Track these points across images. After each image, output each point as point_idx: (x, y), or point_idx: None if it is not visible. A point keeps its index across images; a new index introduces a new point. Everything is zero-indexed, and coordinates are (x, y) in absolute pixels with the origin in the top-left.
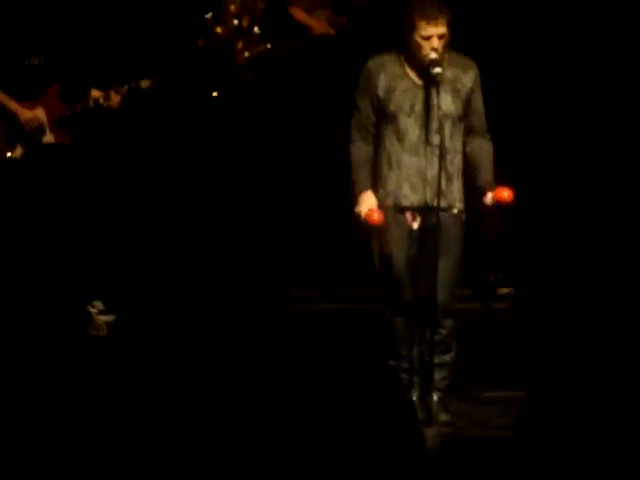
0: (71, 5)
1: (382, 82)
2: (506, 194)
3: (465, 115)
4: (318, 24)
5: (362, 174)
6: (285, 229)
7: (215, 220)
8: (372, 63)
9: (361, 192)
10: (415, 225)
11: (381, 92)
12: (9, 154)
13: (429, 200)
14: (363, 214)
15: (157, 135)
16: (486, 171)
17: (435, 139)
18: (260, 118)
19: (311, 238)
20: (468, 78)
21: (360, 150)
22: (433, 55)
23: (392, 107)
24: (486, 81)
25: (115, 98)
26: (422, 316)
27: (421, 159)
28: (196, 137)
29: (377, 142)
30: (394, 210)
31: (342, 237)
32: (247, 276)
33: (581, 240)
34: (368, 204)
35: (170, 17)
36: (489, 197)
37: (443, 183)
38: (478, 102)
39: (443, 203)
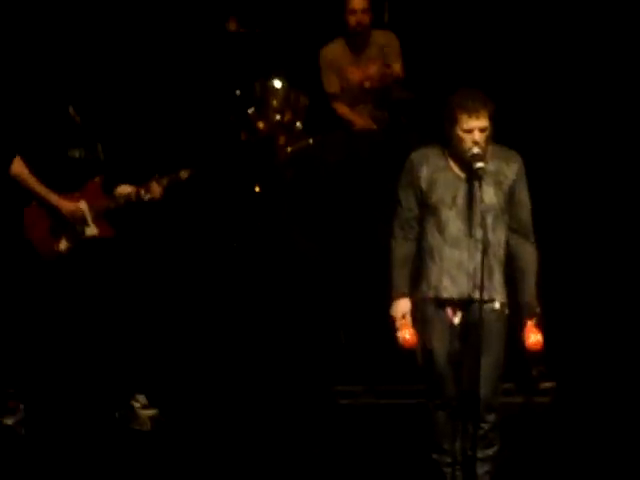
0: (111, 96)
1: (425, 174)
2: (533, 340)
3: (508, 208)
4: (360, 119)
5: (400, 276)
6: (327, 322)
7: (258, 314)
8: (415, 156)
9: (397, 297)
10: (456, 320)
11: (424, 184)
12: (55, 248)
13: (470, 293)
14: (399, 337)
15: (200, 228)
16: (528, 288)
17: (477, 232)
18: (301, 211)
19: (353, 332)
20: (511, 170)
21: (401, 247)
22: (475, 150)
23: (434, 199)
24: None
25: (157, 189)
26: (465, 410)
27: (462, 252)
28: (239, 231)
29: (420, 235)
30: (435, 304)
31: (384, 331)
32: (290, 370)
33: (621, 337)
34: (402, 311)
35: (214, 110)
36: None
37: (484, 277)
38: (522, 195)
39: (484, 296)
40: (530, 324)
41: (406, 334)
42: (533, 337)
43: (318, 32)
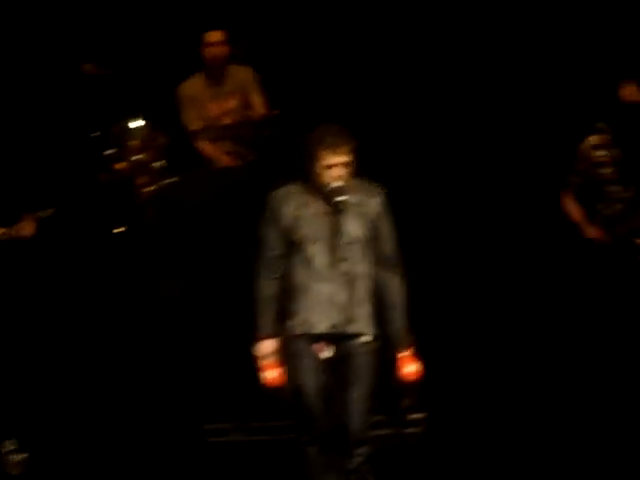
0: None
1: (288, 211)
2: (409, 370)
3: (373, 241)
4: (222, 156)
5: (265, 315)
6: (194, 362)
7: (126, 353)
8: (277, 193)
9: (261, 337)
10: (326, 354)
11: (287, 221)
12: None
13: (339, 327)
14: (262, 377)
15: (66, 269)
16: (397, 320)
17: (343, 265)
18: (164, 251)
19: (220, 369)
20: (374, 203)
21: (266, 287)
22: (336, 184)
23: (299, 235)
24: None
25: (28, 227)
26: (336, 444)
27: (330, 285)
28: (105, 272)
29: (286, 272)
30: (304, 339)
31: (251, 367)
32: (159, 409)
33: (491, 365)
34: (265, 351)
35: (73, 152)
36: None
37: (353, 309)
38: (386, 228)
39: (353, 330)
40: (404, 355)
41: (269, 374)
42: (407, 367)
43: (176, 71)
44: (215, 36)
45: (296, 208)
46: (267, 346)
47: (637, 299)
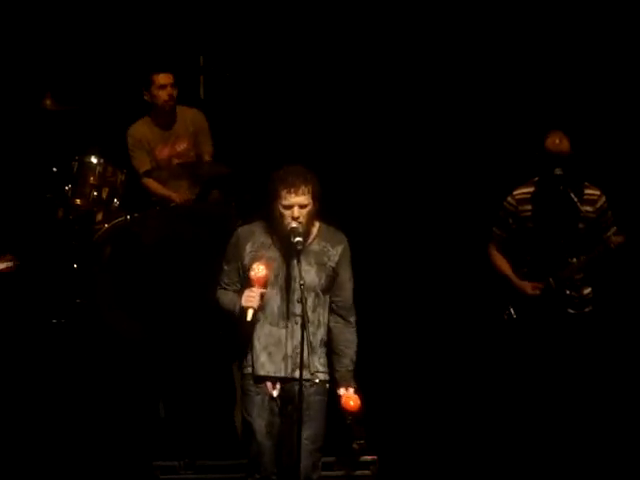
0: None
1: (249, 250)
2: (352, 403)
3: (330, 289)
4: (175, 194)
5: (231, 300)
6: (146, 397)
7: (81, 388)
8: (242, 231)
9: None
10: (275, 392)
11: (247, 261)
12: None
13: (288, 372)
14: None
15: (19, 305)
16: (346, 365)
17: (297, 309)
18: (121, 289)
19: (173, 406)
20: (335, 252)
21: (225, 294)
22: (294, 224)
23: None
24: None
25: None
26: None
27: (281, 330)
28: (59, 309)
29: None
30: (253, 379)
31: (204, 406)
32: (109, 446)
33: (442, 409)
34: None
35: (30, 188)
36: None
37: (304, 354)
38: (345, 276)
39: (304, 374)
40: (347, 391)
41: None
42: (352, 401)
43: (136, 108)
44: (166, 78)
45: (257, 249)
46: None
47: (566, 349)
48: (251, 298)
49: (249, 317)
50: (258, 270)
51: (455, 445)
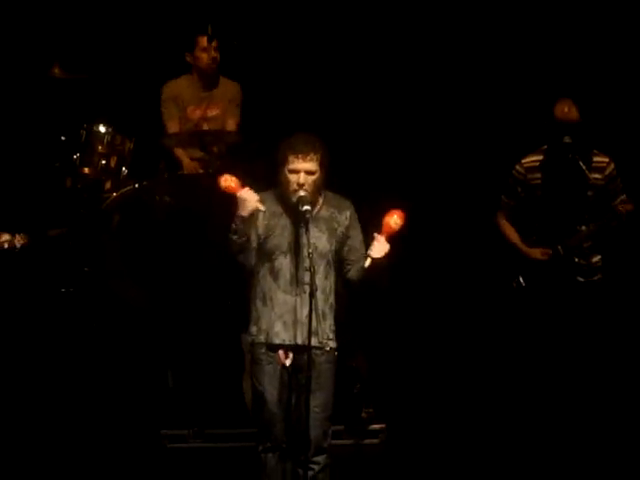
0: None
1: (262, 221)
2: (393, 222)
3: (341, 254)
4: (190, 162)
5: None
6: (155, 366)
7: (88, 358)
8: None
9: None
10: (287, 362)
11: (260, 230)
12: None
13: (300, 339)
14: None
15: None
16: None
17: (307, 277)
18: (129, 257)
19: (181, 375)
20: (344, 216)
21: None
22: (301, 192)
23: (269, 246)
24: None
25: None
26: (294, 453)
27: (294, 297)
28: (68, 277)
29: (253, 280)
30: (266, 347)
31: (213, 375)
32: (118, 414)
33: (451, 377)
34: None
35: (39, 157)
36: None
37: (314, 322)
38: (356, 241)
39: (314, 342)
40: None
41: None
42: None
43: (143, 76)
44: (212, 41)
45: (270, 218)
46: None
47: (575, 317)
48: (248, 195)
49: (262, 207)
50: (227, 178)
51: (464, 413)
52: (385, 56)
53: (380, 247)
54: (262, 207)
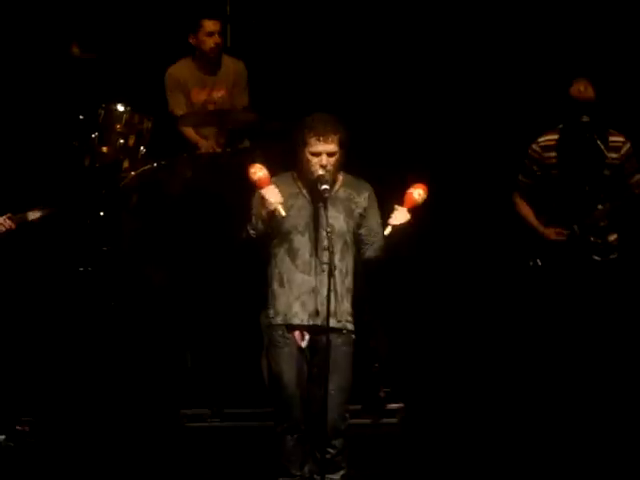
0: None
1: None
2: (417, 194)
3: (358, 236)
4: (205, 142)
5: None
6: (173, 346)
7: (107, 337)
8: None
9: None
10: (304, 344)
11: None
12: None
13: (318, 320)
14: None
15: (47, 252)
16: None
17: (325, 256)
18: (147, 236)
19: (199, 355)
20: (362, 198)
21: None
22: (321, 171)
23: (287, 226)
24: None
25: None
26: (312, 434)
27: (312, 278)
28: (86, 256)
29: (269, 261)
30: (284, 329)
31: (232, 355)
32: (137, 394)
33: (468, 356)
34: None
35: (58, 135)
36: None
37: (333, 303)
38: (373, 220)
39: (333, 323)
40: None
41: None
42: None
43: (161, 55)
44: (215, 25)
45: (286, 199)
46: None
47: (591, 296)
48: (272, 194)
49: (283, 213)
50: (257, 170)
51: (481, 392)
52: (407, 33)
53: (400, 215)
54: (283, 212)
